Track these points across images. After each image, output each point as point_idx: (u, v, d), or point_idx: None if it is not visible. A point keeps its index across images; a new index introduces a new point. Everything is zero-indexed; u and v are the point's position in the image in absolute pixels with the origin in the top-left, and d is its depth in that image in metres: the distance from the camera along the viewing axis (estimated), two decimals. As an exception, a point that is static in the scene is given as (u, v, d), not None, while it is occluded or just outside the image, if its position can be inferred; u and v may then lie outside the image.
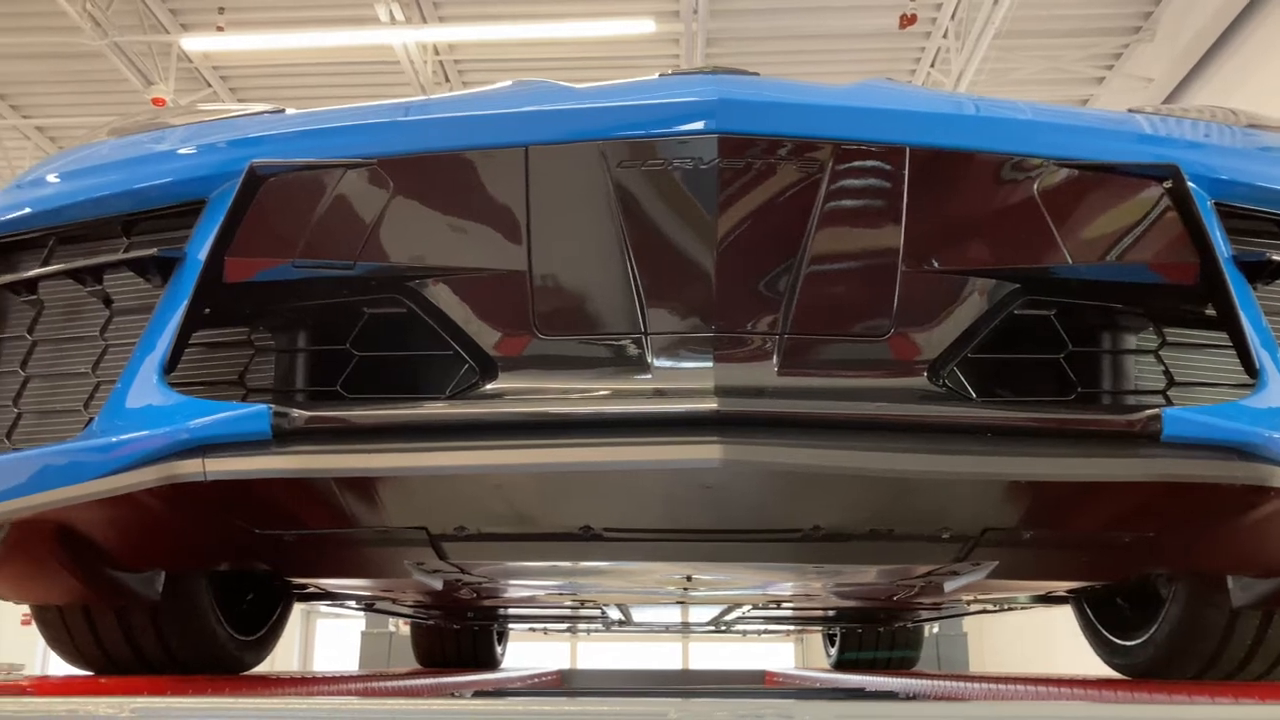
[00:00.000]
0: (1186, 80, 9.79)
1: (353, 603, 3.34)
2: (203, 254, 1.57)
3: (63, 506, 1.59)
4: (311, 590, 2.68)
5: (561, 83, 1.65)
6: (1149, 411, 1.46)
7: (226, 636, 2.38)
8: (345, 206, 1.55)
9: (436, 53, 10.70)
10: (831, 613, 4.09)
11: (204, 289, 1.56)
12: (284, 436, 1.46)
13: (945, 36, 10.13)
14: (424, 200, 1.55)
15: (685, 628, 5.59)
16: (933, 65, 10.49)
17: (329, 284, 1.59)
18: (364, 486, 1.55)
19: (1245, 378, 1.57)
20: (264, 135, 1.67)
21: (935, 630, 6.46)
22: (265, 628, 2.63)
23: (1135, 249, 1.56)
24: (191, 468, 1.47)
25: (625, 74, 1.71)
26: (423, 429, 1.48)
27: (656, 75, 1.65)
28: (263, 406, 1.47)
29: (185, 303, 1.56)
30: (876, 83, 1.63)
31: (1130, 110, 1.86)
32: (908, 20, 9.64)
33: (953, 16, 9.88)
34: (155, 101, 9.98)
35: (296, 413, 1.46)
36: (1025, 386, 1.63)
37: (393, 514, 1.65)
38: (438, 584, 2.11)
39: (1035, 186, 1.53)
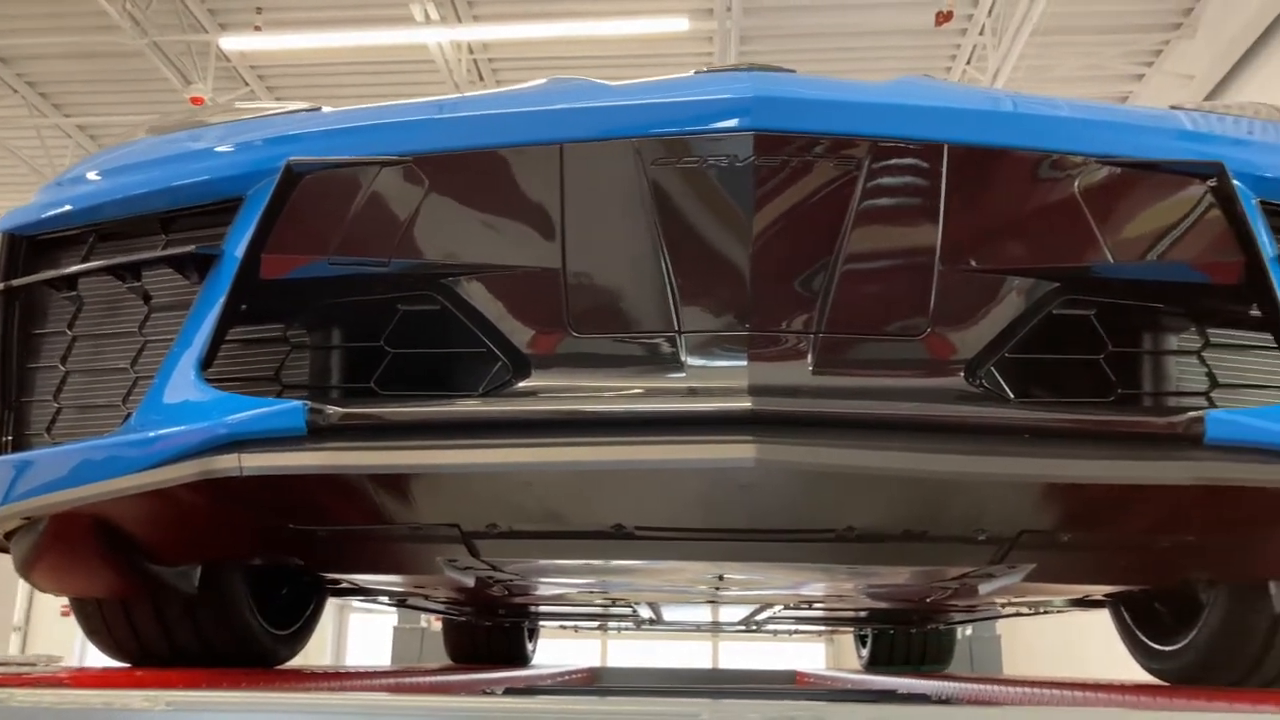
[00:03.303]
0: (1229, 77, 9.63)
1: (385, 598, 3.36)
2: (240, 251, 1.58)
3: (100, 501, 1.61)
4: (345, 585, 2.69)
5: (596, 81, 1.65)
6: (1191, 413, 1.43)
7: (261, 630, 2.40)
8: (380, 204, 1.55)
9: (471, 52, 10.74)
10: (863, 614, 4.07)
11: (240, 285, 1.57)
12: (319, 432, 1.47)
13: (981, 34, 10.03)
14: (458, 198, 1.55)
15: (716, 627, 5.58)
16: (969, 63, 10.40)
17: (364, 281, 1.60)
18: (397, 483, 1.56)
19: (1290, 380, 1.54)
20: (300, 133, 1.68)
21: (969, 632, 6.40)
22: (300, 622, 2.65)
23: (1178, 248, 1.54)
24: (228, 463, 1.48)
25: (659, 72, 1.71)
26: (456, 426, 1.48)
27: (692, 73, 1.65)
28: (298, 402, 1.48)
29: (222, 299, 1.57)
30: (913, 79, 1.62)
31: (1172, 107, 1.83)
32: (944, 17, 9.55)
33: (989, 13, 9.78)
34: (193, 100, 10.09)
35: (331, 409, 1.46)
36: (1064, 387, 1.60)
37: (425, 511, 1.65)
38: (469, 581, 2.12)
39: (1075, 184, 1.51)
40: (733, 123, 1.45)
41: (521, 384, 1.53)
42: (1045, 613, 3.55)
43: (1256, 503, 1.52)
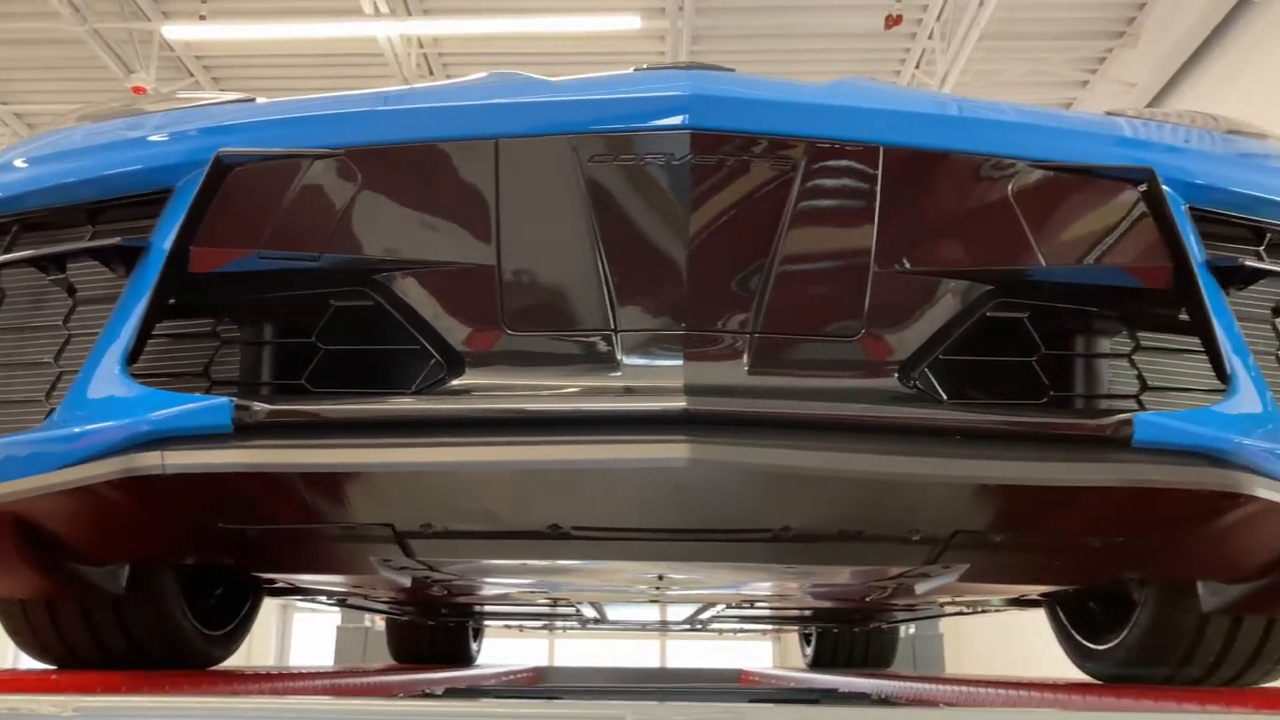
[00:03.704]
0: (1170, 85, 9.84)
1: (324, 598, 3.32)
2: (167, 244, 1.55)
3: (21, 498, 1.56)
4: (281, 585, 2.65)
5: (534, 76, 1.63)
6: (1120, 416, 1.45)
7: (194, 631, 2.36)
8: (312, 197, 1.53)
9: (421, 46, 10.65)
10: (807, 613, 4.09)
11: (168, 279, 1.54)
12: (246, 430, 1.44)
13: (931, 38, 10.14)
14: (392, 192, 1.53)
15: (663, 626, 5.58)
16: (918, 66, 10.51)
17: (296, 276, 1.57)
18: (328, 482, 1.53)
19: (1219, 383, 1.57)
20: (232, 124, 1.65)
21: (912, 631, 6.47)
22: (234, 622, 2.61)
23: (1109, 252, 1.56)
24: (150, 460, 1.44)
25: (611, 70, 1.70)
26: (387, 424, 1.46)
27: (631, 70, 1.64)
28: (224, 399, 1.45)
29: (149, 293, 1.53)
30: (852, 81, 1.62)
31: (1108, 113, 1.85)
32: (893, 21, 9.64)
33: (938, 18, 9.89)
34: (135, 90, 9.88)
35: (258, 406, 1.44)
36: (998, 389, 1.62)
37: (358, 510, 1.63)
38: (406, 581, 2.09)
39: (1009, 188, 1.52)
40: (670, 121, 1.45)
41: (455, 382, 1.51)
42: (983, 612, 3.59)
43: (1182, 504, 1.54)
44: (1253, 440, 1.52)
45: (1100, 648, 2.56)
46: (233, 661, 2.67)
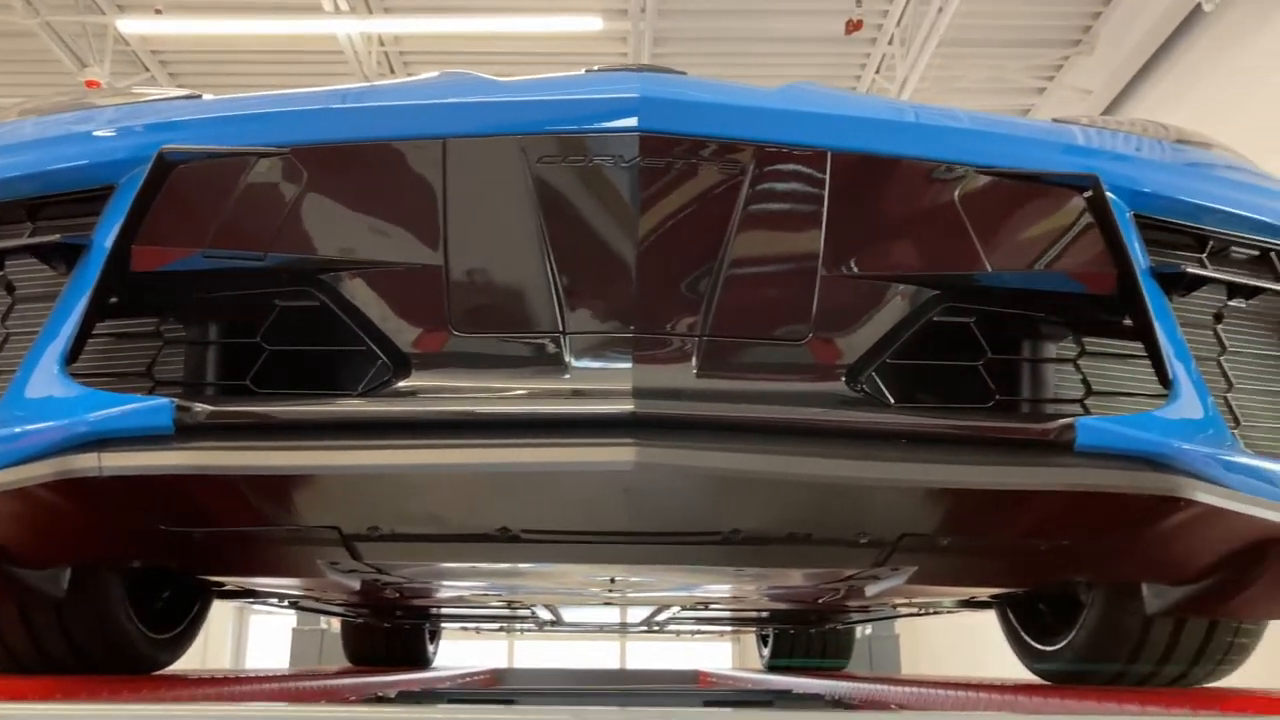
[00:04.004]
0: (1125, 93, 9.98)
1: (276, 600, 3.28)
2: (109, 241, 1.52)
3: (-45, 500, 1.53)
4: (232, 588, 2.62)
5: (485, 76, 1.62)
6: (1062, 420, 1.47)
7: (138, 634, 2.32)
8: (257, 196, 1.51)
9: (382, 44, 10.57)
10: (763, 614, 4.10)
11: (109, 278, 1.51)
12: (187, 431, 1.42)
13: (891, 43, 10.21)
14: (339, 191, 1.52)
15: (623, 628, 5.57)
16: (878, 72, 10.58)
17: (240, 275, 1.55)
18: (272, 484, 1.51)
19: (1162, 388, 1.59)
20: (177, 121, 1.63)
21: (868, 631, 6.52)
22: (182, 626, 2.57)
23: (1054, 258, 1.57)
24: (87, 462, 1.42)
25: (571, 71, 1.69)
26: (332, 426, 1.44)
27: (583, 71, 1.63)
28: (165, 400, 1.43)
29: (89, 292, 1.51)
30: (802, 85, 1.62)
31: (1055, 120, 1.87)
32: (854, 26, 9.70)
33: (898, 23, 9.96)
34: (89, 84, 9.72)
35: (199, 406, 1.42)
36: (945, 393, 1.63)
37: (303, 513, 1.61)
38: (355, 584, 2.07)
39: (956, 193, 1.53)
40: (619, 123, 1.44)
41: (401, 384, 1.49)
42: (936, 613, 3.62)
43: (1125, 508, 1.56)
44: (1193, 445, 1.54)
45: (1049, 649, 2.59)
46: (188, 664, 2.63)
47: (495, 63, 10.26)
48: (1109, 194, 1.58)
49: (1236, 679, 2.38)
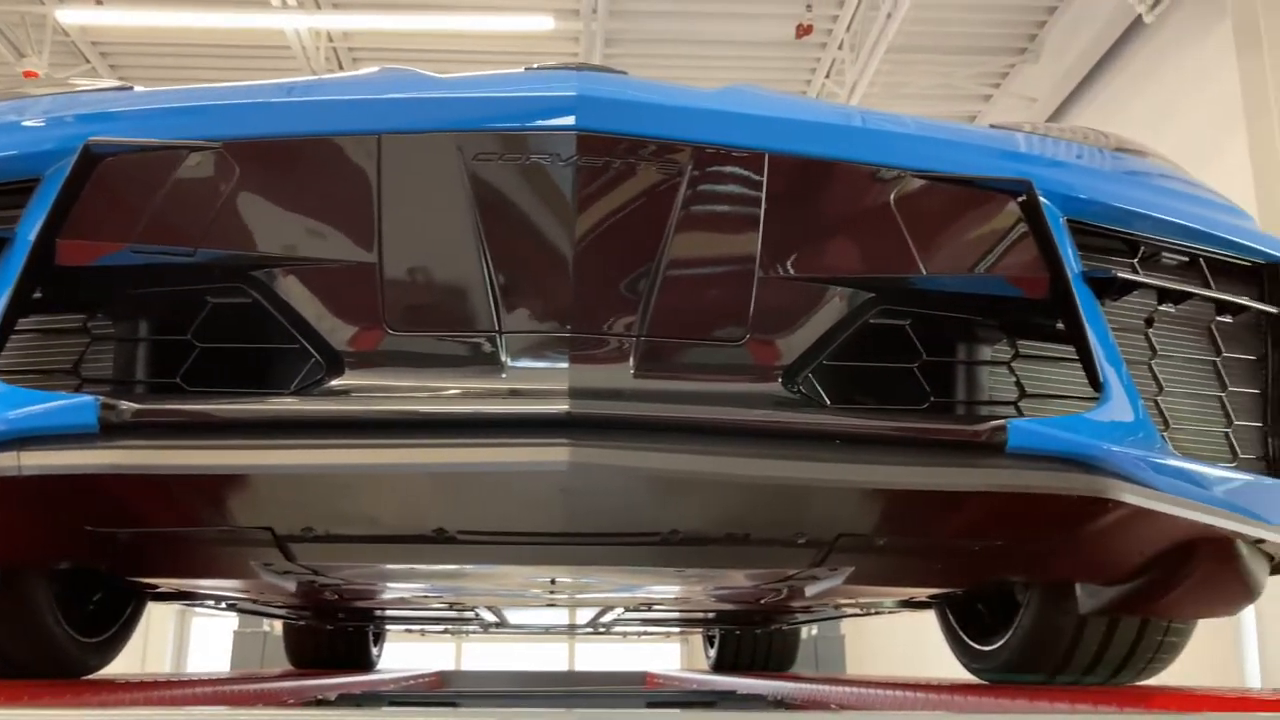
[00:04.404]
0: (1069, 101, 10.15)
1: (212, 603, 3.22)
2: (33, 235, 1.48)
3: None
4: (166, 590, 2.57)
5: (424, 72, 1.61)
6: (994, 422, 1.48)
7: (67, 638, 2.27)
8: (188, 190, 1.48)
9: (330, 40, 10.45)
10: (709, 615, 4.11)
11: (33, 272, 1.48)
12: (111, 430, 1.39)
13: (840, 48, 10.30)
14: (271, 187, 1.49)
15: (571, 629, 5.56)
16: (828, 76, 10.66)
17: (171, 271, 1.52)
18: (201, 484, 1.48)
19: (1094, 391, 1.61)
20: (106, 112, 1.59)
21: (814, 632, 6.56)
22: (114, 629, 2.52)
23: (989, 262, 1.59)
24: (6, 461, 1.38)
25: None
26: (262, 425, 1.42)
27: (522, 69, 1.62)
28: (89, 398, 1.39)
29: (11, 287, 1.47)
30: (742, 87, 1.63)
31: (993, 126, 1.89)
32: (804, 30, 9.77)
33: (848, 29, 10.05)
34: (26, 74, 9.50)
35: (125, 404, 1.38)
36: (882, 395, 1.64)
37: (234, 513, 1.58)
38: (290, 585, 2.04)
39: (892, 197, 1.54)
40: (557, 121, 1.43)
41: (334, 382, 1.47)
42: (878, 613, 3.65)
43: (1056, 509, 1.58)
44: (1123, 447, 1.57)
45: (986, 649, 2.62)
46: (126, 668, 2.58)
47: (446, 61, 10.20)
48: (1042, 199, 1.60)
49: (1166, 677, 2.43)
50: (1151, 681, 2.43)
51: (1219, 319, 1.86)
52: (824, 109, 1.63)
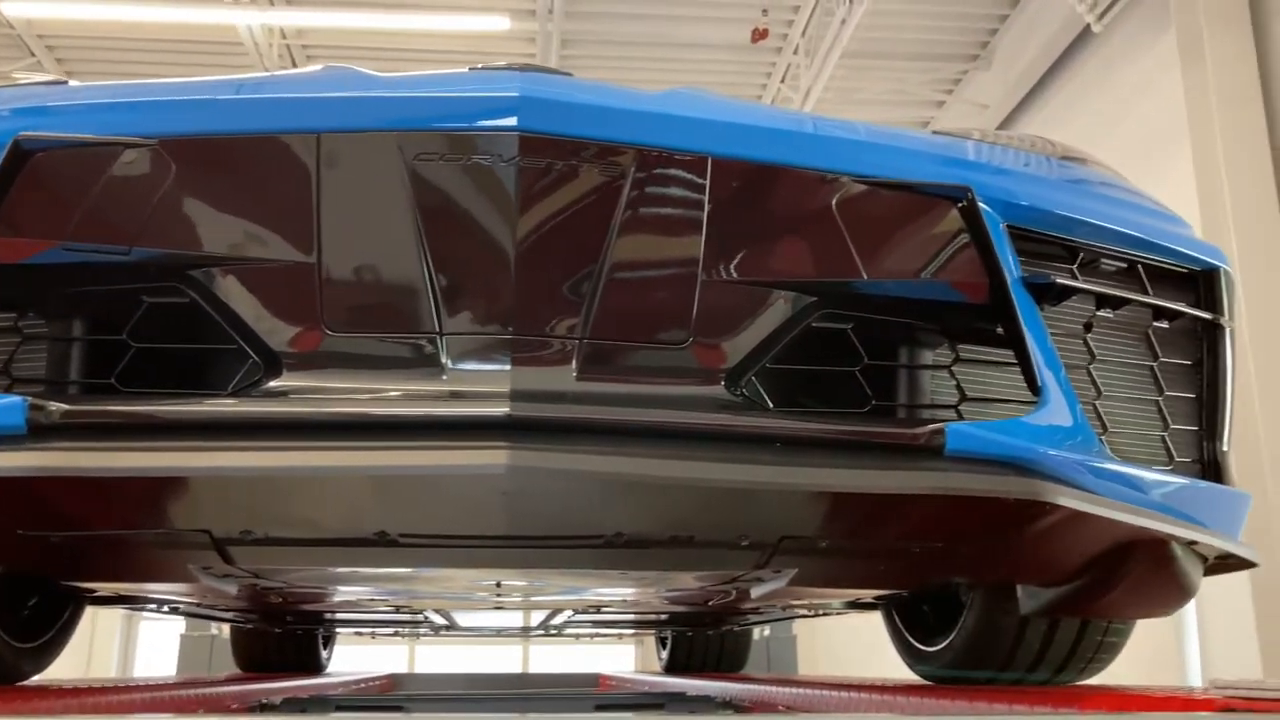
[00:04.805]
0: (1020, 107, 10.30)
1: (154, 607, 3.17)
2: (-40, 232, 1.45)
3: None
4: (104, 594, 2.52)
5: (367, 71, 1.59)
6: (933, 426, 1.49)
7: (1, 643, 2.22)
8: (123, 187, 1.46)
9: (284, 37, 10.34)
10: (660, 617, 4.11)
11: (-39, 270, 1.44)
12: (41, 431, 1.36)
13: (796, 53, 10.37)
14: (208, 185, 1.47)
15: (524, 632, 5.53)
16: (783, 81, 10.72)
17: (105, 270, 1.49)
18: (135, 487, 1.46)
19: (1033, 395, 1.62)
20: (38, 107, 1.56)
21: (767, 633, 6.59)
22: (50, 633, 2.47)
23: (930, 267, 1.60)
24: (-70, 462, 1.35)
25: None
26: (198, 426, 1.40)
27: (466, 69, 1.61)
28: (18, 398, 1.36)
29: (-63, 285, 1.44)
30: (686, 91, 1.63)
31: (935, 132, 1.91)
32: (759, 34, 9.82)
33: (803, 33, 10.11)
34: (-30, 68, 9.32)
35: (55, 406, 1.36)
36: (825, 398, 1.65)
37: (170, 516, 1.56)
38: (231, 588, 2.01)
39: (834, 202, 1.55)
40: (500, 122, 1.43)
41: (273, 384, 1.45)
42: (825, 614, 3.67)
43: (995, 511, 1.59)
44: (1059, 451, 1.59)
45: (931, 649, 2.65)
46: (70, 673, 2.52)
47: (402, 60, 10.13)
48: (983, 205, 1.62)
49: (1108, 676, 2.46)
50: (1094, 680, 2.47)
51: (1156, 324, 1.89)
52: (766, 113, 1.63)
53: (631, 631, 6.98)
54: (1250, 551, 1.98)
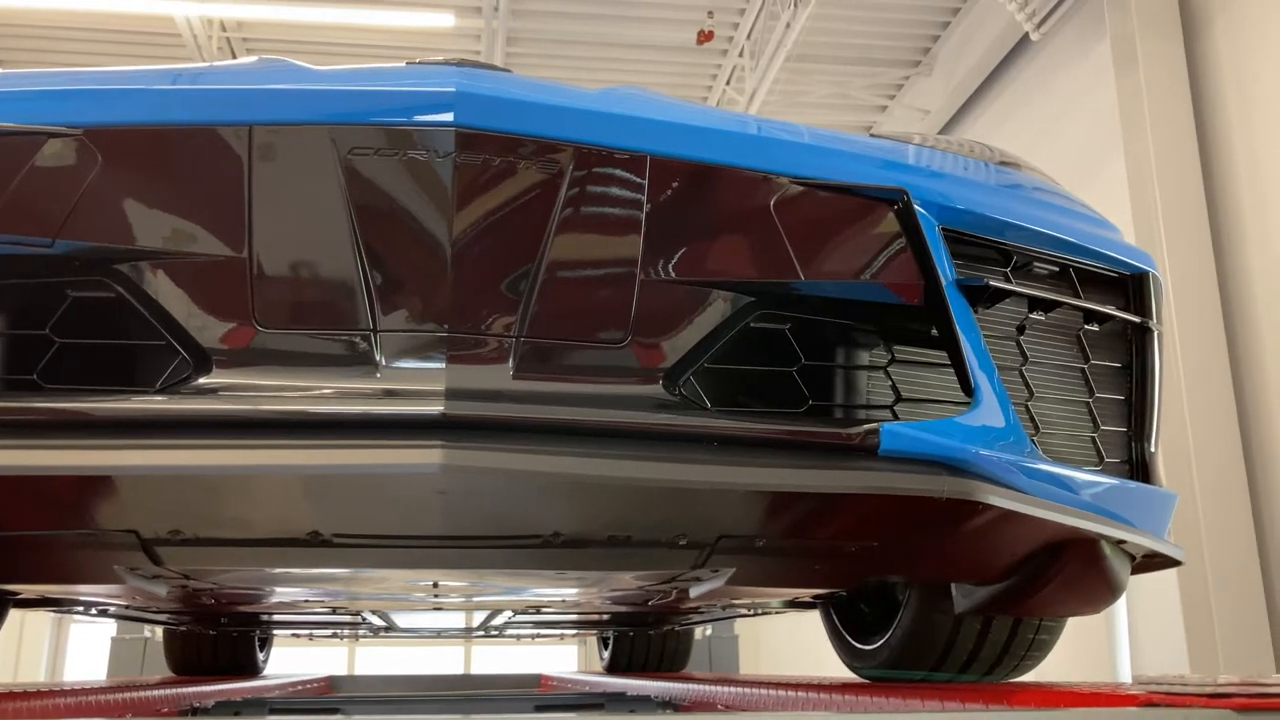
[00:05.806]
0: (961, 113, 10.44)
1: (83, 609, 3.10)
2: (-124, 222, 1.40)
3: None
4: (29, 596, 2.46)
5: (302, 64, 1.57)
6: (867, 426, 1.51)
7: (-82, 648, 2.16)
8: (46, 178, 1.42)
9: (224, 29, 10.17)
10: (601, 617, 4.11)
11: (-126, 262, 1.40)
12: (-42, 429, 1.32)
13: (741, 55, 10.42)
14: (135, 177, 1.44)
15: (466, 633, 5.50)
16: (728, 83, 10.77)
17: (27, 263, 1.45)
18: (58, 486, 1.42)
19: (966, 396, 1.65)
20: (-41, 95, 1.51)
21: (709, 633, 6.62)
22: (-28, 637, 2.40)
23: (866, 268, 1.61)
24: None
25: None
26: (124, 424, 1.36)
27: (404, 64, 1.59)
28: (-67, 395, 1.32)
29: None
30: (625, 89, 1.63)
31: (872, 135, 1.93)
32: (705, 36, 9.85)
33: (749, 36, 10.17)
34: (-105, 55, 9.03)
35: (-32, 403, 1.32)
36: (763, 398, 1.65)
37: (95, 516, 1.52)
38: (161, 590, 1.97)
39: (772, 203, 1.55)
40: (435, 117, 1.41)
41: (201, 380, 1.42)
42: (765, 614, 3.69)
43: (928, 511, 1.61)
44: (992, 451, 1.61)
45: (867, 648, 2.67)
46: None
47: (344, 55, 10.02)
48: (918, 208, 1.63)
49: (1041, 673, 2.51)
50: (1026, 677, 2.51)
51: (1087, 327, 1.93)
52: (705, 114, 1.63)
53: (573, 632, 6.97)
54: (1177, 550, 2.03)
